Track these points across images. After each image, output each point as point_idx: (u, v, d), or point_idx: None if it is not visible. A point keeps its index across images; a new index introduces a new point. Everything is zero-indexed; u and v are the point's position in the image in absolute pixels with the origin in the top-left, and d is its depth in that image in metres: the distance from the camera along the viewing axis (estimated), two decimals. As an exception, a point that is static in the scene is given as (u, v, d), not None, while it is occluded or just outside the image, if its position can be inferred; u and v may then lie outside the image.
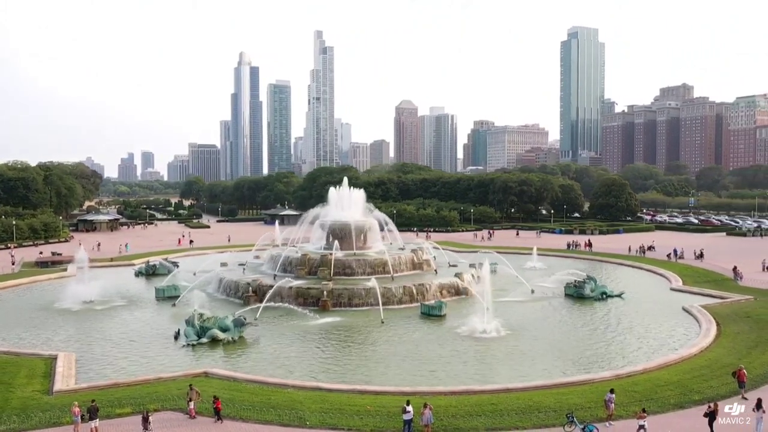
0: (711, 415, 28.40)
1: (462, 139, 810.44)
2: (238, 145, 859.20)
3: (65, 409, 31.21)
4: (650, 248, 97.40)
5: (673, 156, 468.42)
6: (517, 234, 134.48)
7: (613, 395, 30.10)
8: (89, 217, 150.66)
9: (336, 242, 67.86)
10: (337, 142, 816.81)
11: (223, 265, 75.28)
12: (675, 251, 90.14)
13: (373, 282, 59.34)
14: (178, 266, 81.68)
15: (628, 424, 29.19)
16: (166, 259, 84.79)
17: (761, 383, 34.70)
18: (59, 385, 35.17)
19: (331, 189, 77.43)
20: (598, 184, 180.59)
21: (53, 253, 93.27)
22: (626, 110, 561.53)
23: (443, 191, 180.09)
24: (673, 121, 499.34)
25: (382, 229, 77.37)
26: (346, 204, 74.73)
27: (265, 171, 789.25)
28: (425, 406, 28.53)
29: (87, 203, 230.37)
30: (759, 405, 28.04)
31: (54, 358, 40.65)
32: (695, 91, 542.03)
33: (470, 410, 31.14)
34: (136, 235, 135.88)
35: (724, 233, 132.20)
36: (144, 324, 53.39)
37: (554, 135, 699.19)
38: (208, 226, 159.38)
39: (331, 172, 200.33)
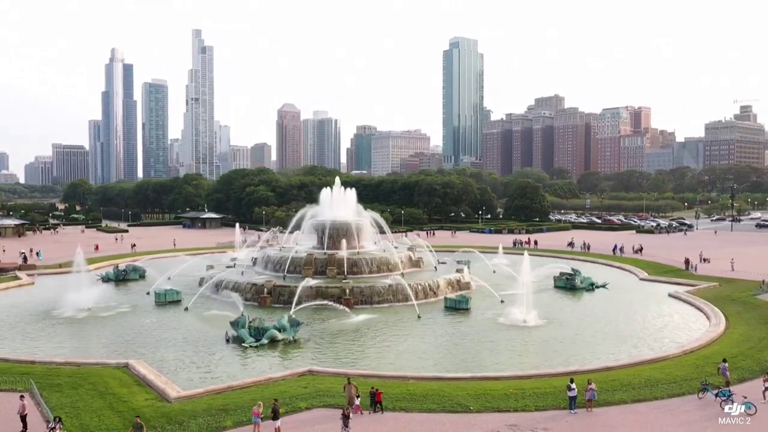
0: None
1: (345, 144, 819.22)
2: (110, 146, 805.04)
3: (209, 414, 30.10)
4: (570, 244, 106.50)
5: (548, 161, 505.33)
6: (433, 234, 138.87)
7: (726, 364, 34.15)
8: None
9: (343, 241, 68.00)
10: (216, 144, 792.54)
11: (210, 267, 72.51)
12: (616, 246, 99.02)
13: (398, 279, 60.55)
14: (145, 270, 77.75)
15: (743, 388, 33.23)
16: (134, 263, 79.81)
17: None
18: (171, 392, 33.19)
19: (324, 190, 77.14)
20: (514, 186, 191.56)
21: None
22: (504, 118, 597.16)
23: (365, 193, 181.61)
24: (547, 129, 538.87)
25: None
26: (339, 204, 74.92)
27: (140, 174, 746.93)
28: (589, 383, 30.82)
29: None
30: None
31: (124, 366, 38.20)
32: (566, 101, 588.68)
33: (598, 387, 33.72)
34: (53, 241, 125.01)
35: (633, 231, 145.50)
36: (173, 328, 50.75)
37: (436, 140, 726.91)
38: (127, 230, 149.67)
39: (247, 174, 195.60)
